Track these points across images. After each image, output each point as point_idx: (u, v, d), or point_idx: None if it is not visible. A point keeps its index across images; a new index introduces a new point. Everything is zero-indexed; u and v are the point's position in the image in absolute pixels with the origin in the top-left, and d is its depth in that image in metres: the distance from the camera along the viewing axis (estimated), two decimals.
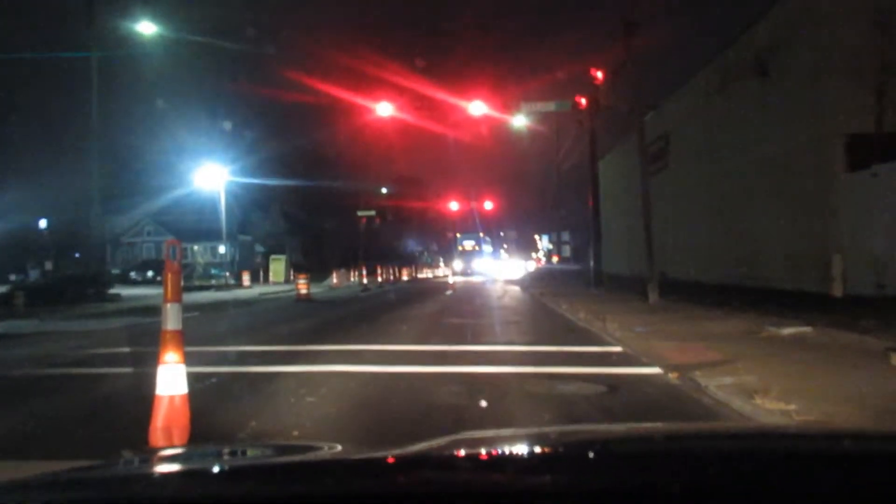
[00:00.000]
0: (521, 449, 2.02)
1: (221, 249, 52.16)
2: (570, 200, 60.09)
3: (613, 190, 30.11)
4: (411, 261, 73.63)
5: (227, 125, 51.04)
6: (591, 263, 26.33)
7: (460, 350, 10.69)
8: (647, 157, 20.46)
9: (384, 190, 76.94)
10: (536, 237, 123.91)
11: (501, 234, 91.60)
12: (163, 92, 45.73)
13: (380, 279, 40.62)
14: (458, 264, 67.61)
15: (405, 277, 49.64)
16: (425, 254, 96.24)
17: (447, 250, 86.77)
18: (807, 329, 11.33)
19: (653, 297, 18.58)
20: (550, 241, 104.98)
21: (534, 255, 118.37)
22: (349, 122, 50.81)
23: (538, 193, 79.93)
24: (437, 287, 34.67)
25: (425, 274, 64.82)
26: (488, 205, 78.30)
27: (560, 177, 46.09)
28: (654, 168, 23.25)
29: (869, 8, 14.32)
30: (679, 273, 22.62)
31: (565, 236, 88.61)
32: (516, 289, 30.80)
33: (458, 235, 76.82)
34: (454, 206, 79.93)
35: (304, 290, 26.00)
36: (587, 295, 22.87)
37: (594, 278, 26.05)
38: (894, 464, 1.68)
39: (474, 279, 48.46)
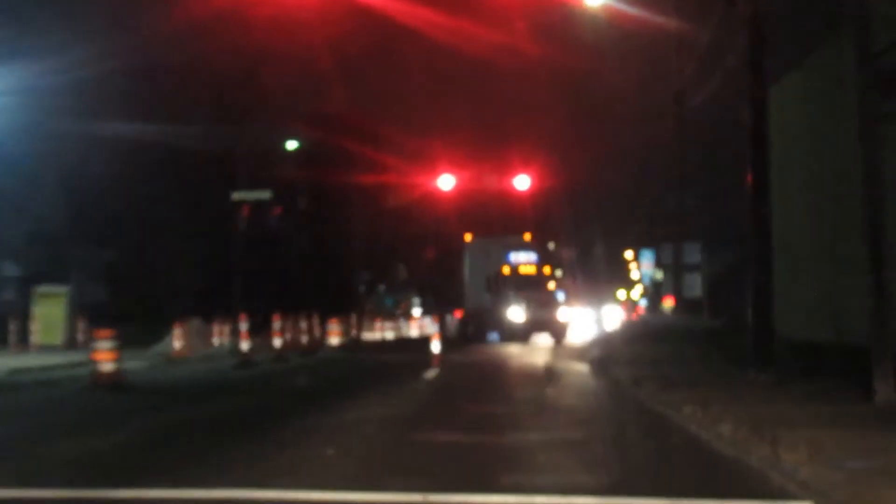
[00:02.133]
0: None
1: None
2: (701, 178, 34.81)
3: (797, 155, 18.68)
4: (349, 301, 45.65)
5: None
6: (750, 315, 16.11)
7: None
8: (875, 80, 11.92)
9: (291, 145, 41.58)
10: (629, 255, 67.79)
11: (550, 246, 41.29)
12: None
13: (278, 341, 24.00)
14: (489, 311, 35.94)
15: (334, 339, 30.23)
16: (381, 289, 62.14)
17: (437, 278, 53.58)
18: None
19: (885, 389, 11.01)
20: (658, 263, 48.17)
21: (622, 294, 73.33)
22: None
23: (632, 165, 47.71)
24: (411, 367, 21.45)
25: (381, 331, 40.71)
26: (522, 182, 41.79)
27: (684, 126, 26.31)
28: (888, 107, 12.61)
29: None
30: None
31: (691, 252, 38.09)
32: (582, 368, 21.07)
33: (472, 240, 39.60)
34: (447, 182, 42.20)
35: (108, 367, 15.12)
36: (740, 384, 14.19)
37: (754, 347, 15.63)
38: None
39: (511, 349, 29.93)
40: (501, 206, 47.20)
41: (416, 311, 56.50)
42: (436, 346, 23.35)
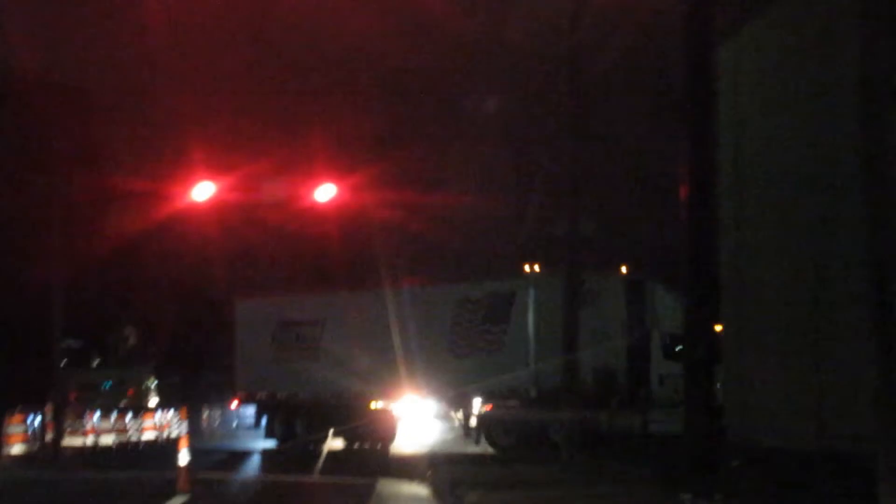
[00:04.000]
0: None
1: None
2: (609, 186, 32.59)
3: (760, 148, 16.47)
4: (41, 385, 34.48)
5: None
6: (685, 408, 14.98)
7: None
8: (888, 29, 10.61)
9: None
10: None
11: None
12: None
13: None
14: None
15: (16, 448, 26.77)
16: (95, 365, 56.27)
17: (188, 347, 50.72)
18: None
19: None
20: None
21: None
22: None
23: (504, 170, 41.66)
24: (142, 495, 19.28)
25: (94, 433, 34.04)
26: (325, 192, 31.33)
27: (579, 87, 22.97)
28: None
29: None
30: None
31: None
32: (419, 493, 19.79)
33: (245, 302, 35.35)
34: (203, 192, 30.78)
35: None
36: None
37: (691, 459, 14.74)
38: None
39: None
40: (292, 228, 41.15)
41: (152, 401, 48.97)
42: (184, 457, 19.06)
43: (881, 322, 10.07)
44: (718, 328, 15.74)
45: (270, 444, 32.00)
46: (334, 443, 31.48)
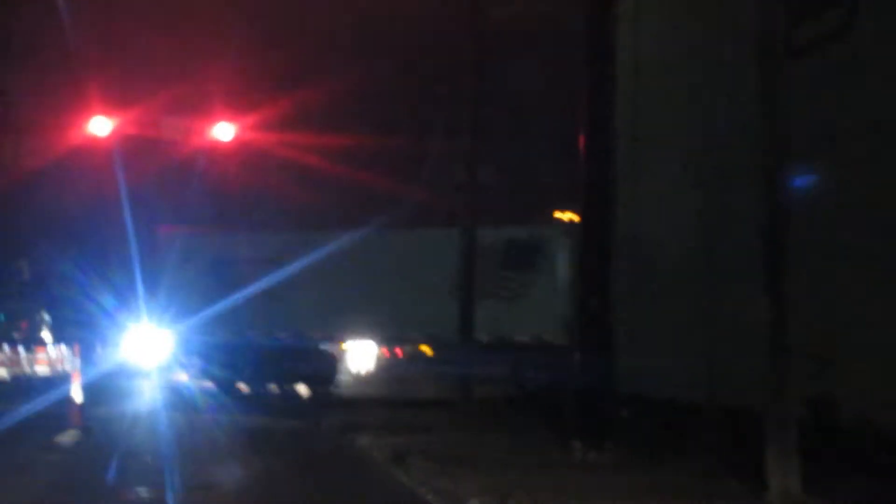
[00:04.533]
0: None
1: None
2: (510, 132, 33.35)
3: (660, 105, 17.11)
4: None
5: None
6: (577, 356, 14.81)
7: None
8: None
9: None
10: None
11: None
12: None
13: None
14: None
15: None
16: None
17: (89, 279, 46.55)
18: None
19: (782, 479, 10.37)
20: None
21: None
22: None
23: (402, 108, 40.67)
24: (36, 428, 18.97)
25: None
26: (224, 131, 34.49)
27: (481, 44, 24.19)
28: (807, 39, 12.14)
29: None
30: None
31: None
32: (304, 428, 20.59)
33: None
34: (100, 126, 32.17)
35: None
36: (560, 465, 13.63)
37: (581, 409, 14.56)
38: None
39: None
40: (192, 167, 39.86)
41: (47, 335, 47.68)
42: (77, 393, 19.42)
43: (772, 276, 10.53)
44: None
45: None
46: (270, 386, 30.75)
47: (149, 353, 36.56)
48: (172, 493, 12.23)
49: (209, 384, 30.79)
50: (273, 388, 30.65)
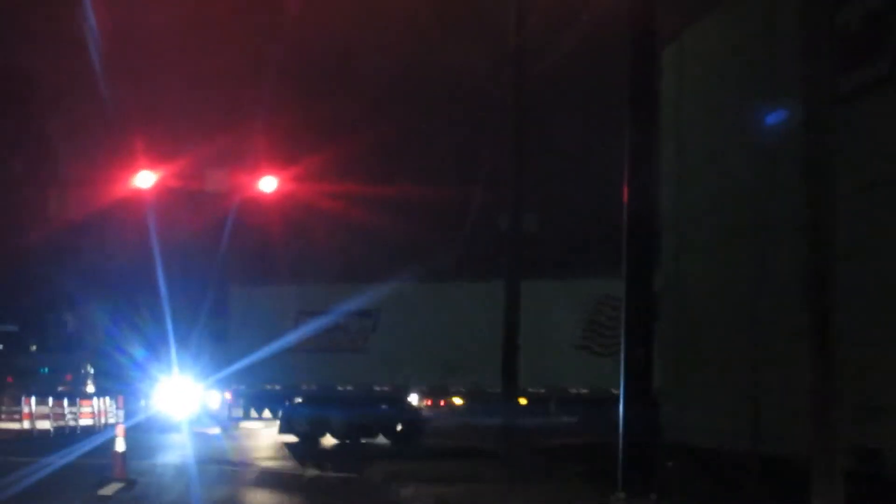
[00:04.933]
0: None
1: None
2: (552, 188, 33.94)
3: (703, 156, 16.55)
4: None
5: None
6: (621, 407, 14.57)
7: None
8: (831, 43, 10.87)
9: None
10: None
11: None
12: None
13: None
14: None
15: None
16: (33, 351, 56.61)
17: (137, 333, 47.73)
18: None
19: None
20: None
21: None
22: None
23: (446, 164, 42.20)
24: (78, 480, 18.91)
25: (30, 419, 34.11)
26: (267, 185, 33.30)
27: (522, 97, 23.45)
28: (851, 82, 11.94)
29: None
30: None
31: None
32: None
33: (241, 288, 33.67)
34: (145, 179, 31.60)
35: None
36: None
37: (626, 458, 14.11)
38: None
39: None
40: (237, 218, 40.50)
41: (91, 387, 48.83)
42: (120, 445, 18.90)
43: (818, 326, 10.13)
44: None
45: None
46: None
47: (181, 406, 36.90)
48: None
49: (291, 438, 30.13)
50: (361, 440, 29.84)
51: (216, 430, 31.72)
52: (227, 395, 36.08)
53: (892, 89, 12.02)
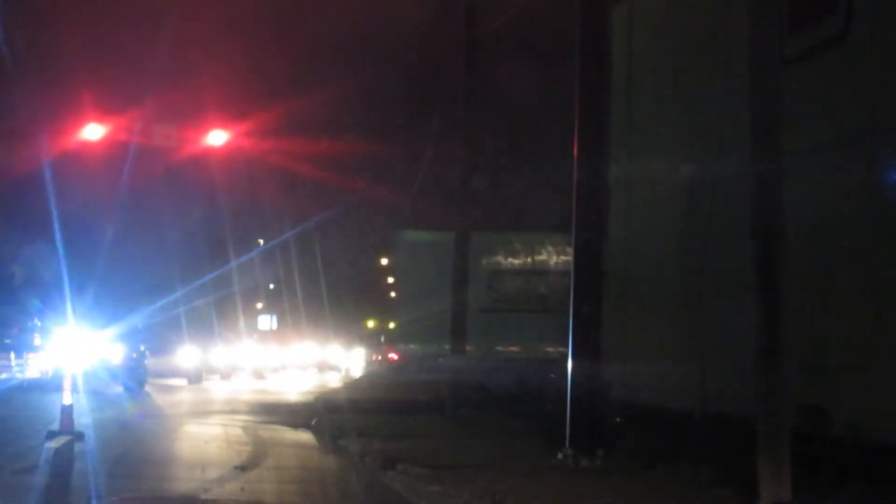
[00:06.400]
0: None
1: None
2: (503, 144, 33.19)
3: (653, 113, 16.66)
4: None
5: None
6: (569, 363, 14.69)
7: None
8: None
9: None
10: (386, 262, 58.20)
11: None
12: None
13: None
14: None
15: None
16: None
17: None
18: None
19: (774, 488, 9.92)
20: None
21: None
22: None
23: (396, 120, 38.94)
24: (26, 430, 18.96)
25: None
26: (216, 138, 32.84)
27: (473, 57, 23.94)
28: (805, 36, 12.00)
29: None
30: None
31: None
32: (304, 438, 19.77)
33: None
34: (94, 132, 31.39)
35: None
36: (550, 471, 13.50)
37: (573, 416, 14.30)
38: None
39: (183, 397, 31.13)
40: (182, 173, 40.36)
41: (37, 340, 47.97)
42: (67, 398, 18.49)
43: (764, 284, 10.30)
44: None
45: None
46: None
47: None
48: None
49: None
50: None
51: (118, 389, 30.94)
52: None
53: (843, 49, 11.92)
